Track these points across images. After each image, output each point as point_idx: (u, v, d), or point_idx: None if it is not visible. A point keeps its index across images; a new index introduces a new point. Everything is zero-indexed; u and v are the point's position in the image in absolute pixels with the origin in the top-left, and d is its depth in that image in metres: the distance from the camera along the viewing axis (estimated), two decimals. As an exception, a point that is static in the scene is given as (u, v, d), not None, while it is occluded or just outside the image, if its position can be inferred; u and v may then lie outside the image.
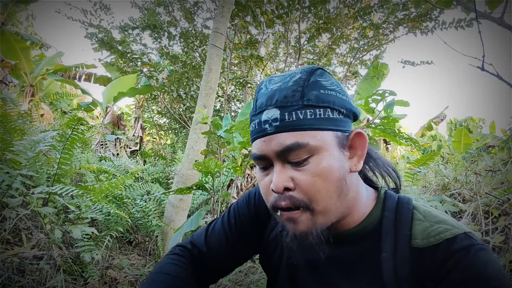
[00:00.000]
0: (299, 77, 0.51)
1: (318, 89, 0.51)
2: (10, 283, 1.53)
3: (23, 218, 1.88)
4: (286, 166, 0.51)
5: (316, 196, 0.50)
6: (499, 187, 2.31)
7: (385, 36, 5.24)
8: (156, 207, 2.70)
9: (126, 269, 2.18)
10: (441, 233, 0.50)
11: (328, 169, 0.50)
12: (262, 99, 0.53)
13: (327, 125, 0.50)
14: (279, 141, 0.49)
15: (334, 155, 0.51)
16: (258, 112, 0.52)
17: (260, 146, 0.52)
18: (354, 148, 0.54)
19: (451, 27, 3.98)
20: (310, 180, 0.49)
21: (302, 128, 0.49)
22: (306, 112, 0.49)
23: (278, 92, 0.51)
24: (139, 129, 5.47)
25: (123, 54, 3.94)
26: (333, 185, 0.50)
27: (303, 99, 0.50)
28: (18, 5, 6.11)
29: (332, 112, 0.51)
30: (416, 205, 0.57)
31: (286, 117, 0.49)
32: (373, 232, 0.56)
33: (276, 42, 6.10)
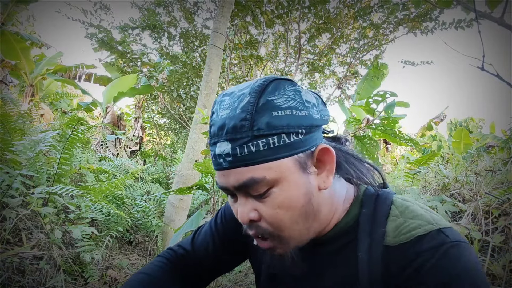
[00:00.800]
0: (247, 101, 0.46)
1: (270, 112, 0.46)
2: (10, 283, 1.53)
3: (23, 218, 1.88)
4: (249, 198, 0.49)
5: (281, 226, 0.49)
6: (499, 187, 2.32)
7: (385, 36, 5.24)
8: (156, 207, 2.71)
9: (126, 269, 2.18)
10: (412, 230, 0.48)
11: (290, 199, 0.48)
12: (214, 127, 0.49)
13: (283, 152, 0.46)
14: (235, 177, 0.47)
15: (296, 182, 0.48)
16: (213, 143, 0.49)
17: (220, 179, 0.50)
18: (322, 162, 0.51)
19: (451, 27, 3.98)
20: (272, 212, 0.48)
21: (255, 162, 0.46)
22: (258, 143, 0.45)
23: (228, 121, 0.46)
24: (139, 129, 5.48)
25: (123, 54, 3.95)
26: (297, 213, 0.49)
27: (253, 129, 0.45)
28: (18, 5, 6.12)
29: (288, 137, 0.46)
30: (396, 200, 0.54)
31: (238, 152, 0.46)
32: (351, 230, 0.54)
33: (276, 42, 6.10)
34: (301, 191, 0.48)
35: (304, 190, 0.49)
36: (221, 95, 0.51)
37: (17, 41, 5.39)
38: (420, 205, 0.54)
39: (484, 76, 14.04)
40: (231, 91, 0.50)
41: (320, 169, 0.51)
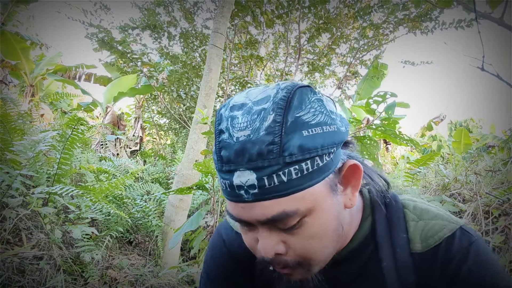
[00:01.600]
0: (272, 119, 0.38)
1: (300, 132, 0.39)
2: (10, 283, 1.53)
3: (23, 218, 1.88)
4: (274, 230, 0.43)
5: (311, 256, 0.45)
6: (499, 187, 2.32)
7: (385, 36, 5.24)
8: (156, 207, 2.71)
9: (126, 269, 2.18)
10: (438, 232, 0.48)
11: (324, 226, 0.43)
12: (227, 152, 0.40)
13: (316, 178, 0.41)
14: (262, 211, 0.40)
15: (328, 207, 0.43)
16: (227, 170, 0.41)
17: (238, 212, 0.43)
18: (347, 180, 0.46)
19: (451, 27, 3.98)
20: (305, 243, 0.43)
21: (288, 193, 0.39)
22: (290, 171, 0.39)
23: (249, 146, 0.38)
24: (139, 129, 5.47)
25: (123, 54, 3.95)
26: (329, 239, 0.45)
27: (284, 155, 0.38)
28: (18, 5, 6.12)
29: (322, 159, 0.40)
30: (405, 202, 0.53)
31: (266, 183, 0.39)
32: (368, 240, 0.52)
33: (276, 42, 6.10)
34: (333, 215, 0.44)
35: (335, 213, 0.44)
36: (229, 108, 0.42)
37: (17, 41, 5.39)
38: (424, 202, 0.54)
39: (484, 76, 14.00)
40: (242, 103, 0.42)
41: (345, 185, 0.46)
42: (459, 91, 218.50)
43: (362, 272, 0.52)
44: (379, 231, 0.51)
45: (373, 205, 0.54)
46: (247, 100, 0.42)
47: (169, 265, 2.48)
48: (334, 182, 0.44)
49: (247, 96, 0.43)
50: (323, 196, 0.42)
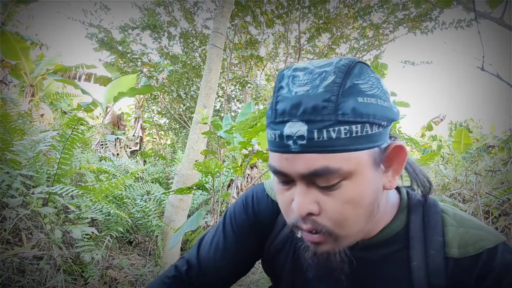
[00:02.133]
0: (332, 80, 0.41)
1: (356, 98, 0.41)
2: (10, 283, 1.53)
3: (23, 218, 1.88)
4: (311, 188, 0.44)
5: (342, 224, 0.44)
6: (499, 187, 2.32)
7: (385, 36, 5.24)
8: (156, 207, 2.70)
9: (126, 269, 2.18)
10: (479, 242, 0.46)
11: (360, 195, 0.43)
12: (284, 104, 0.43)
13: (363, 144, 0.42)
14: (305, 163, 0.42)
15: (368, 177, 0.44)
16: (279, 121, 0.43)
17: (280, 163, 0.44)
18: (390, 161, 0.47)
19: (451, 27, 3.98)
20: (339, 207, 0.43)
21: (334, 150, 0.41)
22: (340, 129, 0.40)
23: (306, 101, 0.41)
24: (139, 129, 5.47)
25: (123, 54, 3.95)
26: (362, 211, 0.45)
27: (337, 113, 0.40)
28: (18, 5, 6.12)
29: (371, 128, 0.42)
30: (444, 207, 0.52)
31: (315, 136, 0.40)
32: (399, 237, 0.51)
33: (276, 42, 6.10)
34: (371, 188, 0.44)
35: (373, 187, 0.45)
36: (291, 69, 0.45)
37: (17, 41, 5.39)
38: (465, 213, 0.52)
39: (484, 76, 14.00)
40: (305, 67, 0.44)
41: (387, 166, 0.47)
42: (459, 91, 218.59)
43: (387, 266, 0.51)
44: (412, 229, 0.50)
45: (410, 204, 0.53)
46: (310, 65, 0.45)
47: (169, 265, 2.48)
48: (378, 158, 0.45)
49: (310, 63, 0.45)
50: (366, 165, 0.43)
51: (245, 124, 1.42)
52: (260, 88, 5.99)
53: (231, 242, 0.65)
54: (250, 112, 3.81)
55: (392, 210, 0.53)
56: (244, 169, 1.83)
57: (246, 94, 5.79)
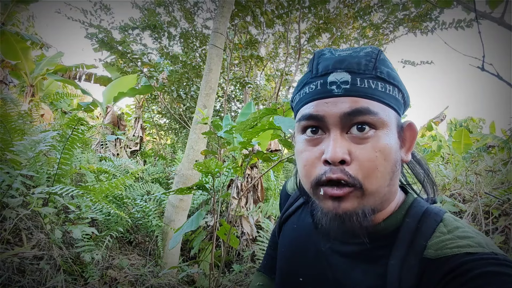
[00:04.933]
0: (370, 50, 0.49)
1: (387, 67, 0.49)
2: (10, 283, 1.53)
3: (23, 218, 1.88)
4: (344, 137, 0.46)
5: (372, 174, 0.45)
6: (499, 187, 2.32)
7: (385, 36, 5.24)
8: (156, 207, 2.71)
9: (126, 269, 2.18)
10: (460, 247, 0.43)
11: (390, 147, 0.46)
12: (326, 62, 0.49)
13: (393, 103, 0.48)
14: (349, 103, 0.45)
15: (395, 135, 0.48)
16: (322, 74, 0.48)
17: (319, 107, 0.47)
18: (404, 139, 0.51)
19: (451, 27, 3.98)
20: (371, 154, 0.45)
21: (373, 97, 0.46)
22: (377, 83, 0.47)
23: (350, 58, 0.48)
24: (139, 129, 5.47)
25: (123, 54, 3.94)
26: (390, 166, 0.46)
27: (376, 70, 0.47)
28: (18, 5, 6.12)
29: (398, 93, 0.49)
30: (447, 218, 0.49)
31: (358, 82, 0.46)
32: (388, 236, 0.51)
33: (276, 42, 6.10)
34: (396, 146, 0.48)
35: (397, 149, 0.48)
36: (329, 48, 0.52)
37: (17, 41, 5.39)
38: (473, 228, 0.49)
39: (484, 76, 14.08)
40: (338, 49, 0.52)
41: (402, 143, 0.51)
42: (459, 91, 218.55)
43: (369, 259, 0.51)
44: (402, 231, 0.50)
45: (409, 208, 0.52)
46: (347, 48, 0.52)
47: (169, 265, 2.48)
48: (399, 128, 0.49)
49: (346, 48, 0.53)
50: (394, 124, 0.48)
51: (246, 125, 1.41)
52: (260, 88, 5.99)
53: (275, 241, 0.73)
54: (250, 112, 3.80)
55: (395, 204, 0.53)
56: (244, 169, 1.83)
57: (246, 94, 5.79)
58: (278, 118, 1.26)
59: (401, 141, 0.50)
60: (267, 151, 4.13)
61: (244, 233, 2.90)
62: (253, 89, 5.76)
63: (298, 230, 0.64)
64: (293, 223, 0.66)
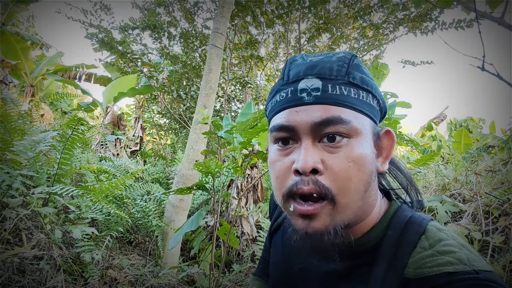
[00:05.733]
0: (343, 55, 0.48)
1: (361, 73, 0.47)
2: (11, 283, 1.53)
3: (23, 218, 1.88)
4: (316, 145, 0.44)
5: (345, 185, 0.43)
6: (499, 187, 2.32)
7: (385, 36, 5.24)
8: (156, 207, 2.70)
9: (126, 269, 2.18)
10: (439, 266, 0.40)
11: (364, 157, 0.44)
12: (298, 68, 0.47)
13: (367, 110, 0.46)
14: (319, 112, 0.44)
15: (370, 144, 0.46)
16: (293, 81, 0.47)
17: (290, 116, 0.45)
18: (381, 147, 0.49)
19: (451, 27, 3.98)
20: (344, 164, 0.43)
21: (345, 104, 0.44)
22: (350, 89, 0.45)
23: (321, 64, 0.46)
24: (139, 129, 5.47)
25: (123, 54, 3.94)
26: (364, 176, 0.44)
27: (349, 76, 0.45)
28: (19, 5, 6.12)
29: (373, 99, 0.47)
30: (430, 229, 0.46)
31: (329, 89, 0.44)
32: (370, 251, 0.48)
33: (276, 42, 6.10)
34: (371, 156, 0.46)
35: (372, 158, 0.46)
36: (301, 54, 0.51)
37: (17, 41, 5.39)
38: (457, 239, 0.45)
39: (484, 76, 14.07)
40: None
41: (379, 152, 0.49)
42: (459, 91, 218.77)
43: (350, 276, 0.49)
44: (384, 245, 0.47)
45: (392, 219, 0.50)
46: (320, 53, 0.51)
47: (169, 265, 2.48)
48: (375, 136, 0.48)
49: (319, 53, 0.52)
50: (368, 130, 0.46)
51: (246, 125, 1.41)
52: (260, 88, 5.99)
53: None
54: (250, 112, 3.80)
55: (376, 215, 0.50)
56: (244, 169, 1.83)
57: (246, 94, 5.79)
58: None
59: (378, 149, 0.48)
60: (267, 151, 4.11)
61: (244, 233, 2.90)
62: (253, 89, 5.76)
63: (286, 243, 0.62)
64: (282, 235, 0.65)
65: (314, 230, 0.44)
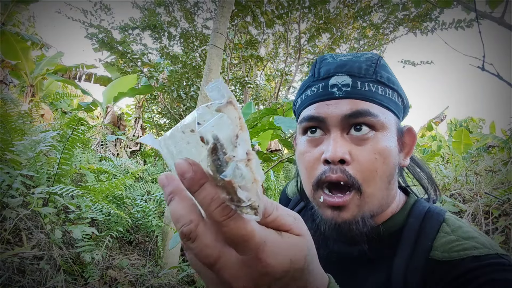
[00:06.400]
0: (370, 56, 0.51)
1: (388, 72, 0.51)
2: (11, 283, 1.53)
3: (24, 218, 1.88)
4: (344, 137, 0.47)
5: (371, 176, 0.46)
6: (499, 187, 2.32)
7: (385, 36, 5.24)
8: (156, 207, 2.70)
9: (126, 269, 2.18)
10: (466, 250, 0.43)
11: (389, 150, 0.47)
12: (328, 67, 0.51)
13: (393, 107, 0.50)
14: (349, 105, 0.47)
15: (394, 139, 0.49)
16: (324, 77, 0.50)
17: (320, 109, 0.48)
18: (404, 143, 0.52)
19: (451, 27, 3.98)
20: (370, 156, 0.46)
21: (373, 100, 0.47)
22: (378, 87, 0.48)
23: (351, 63, 0.50)
24: (139, 129, 5.47)
25: (123, 54, 3.94)
26: (389, 169, 0.47)
27: (377, 75, 0.49)
28: (18, 5, 6.12)
29: (398, 98, 0.51)
30: (449, 218, 0.50)
31: (359, 85, 0.48)
32: (393, 236, 0.51)
33: (276, 42, 6.10)
34: (396, 149, 0.49)
35: (397, 152, 0.49)
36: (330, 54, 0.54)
37: (17, 41, 5.39)
38: (474, 228, 0.49)
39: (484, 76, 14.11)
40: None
41: (401, 147, 0.51)
42: (459, 91, 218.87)
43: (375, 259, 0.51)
44: (406, 230, 0.50)
45: (412, 209, 0.53)
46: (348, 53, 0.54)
47: (169, 265, 2.48)
48: (398, 132, 0.50)
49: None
50: (393, 127, 0.49)
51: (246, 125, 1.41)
52: (260, 88, 5.99)
53: None
54: (250, 112, 3.80)
55: (396, 206, 0.53)
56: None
57: (246, 94, 5.79)
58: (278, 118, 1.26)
59: (401, 145, 0.51)
60: (267, 151, 4.13)
61: (244, 233, 2.90)
62: (253, 89, 5.76)
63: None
64: None
65: (343, 220, 0.46)
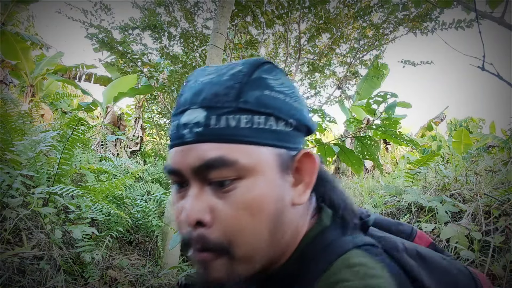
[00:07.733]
0: (239, 69, 0.39)
1: (262, 89, 0.38)
2: (11, 283, 1.53)
3: (24, 218, 1.88)
4: (205, 190, 0.37)
5: (237, 237, 0.36)
6: (499, 188, 2.32)
7: (385, 36, 5.24)
8: (156, 207, 2.70)
9: (126, 269, 2.18)
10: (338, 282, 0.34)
11: (261, 199, 0.36)
12: (186, 94, 0.40)
13: (267, 138, 0.37)
14: (198, 153, 0.36)
15: (272, 180, 0.38)
16: (179, 111, 0.39)
17: (174, 158, 0.39)
18: (300, 172, 0.41)
19: (451, 27, 3.98)
20: (233, 213, 0.36)
21: (232, 139, 0.36)
22: (240, 118, 0.36)
23: (208, 87, 0.38)
24: (139, 129, 5.47)
25: (124, 54, 3.94)
26: (264, 222, 0.37)
27: (238, 100, 0.37)
28: (18, 5, 6.12)
29: (277, 122, 0.38)
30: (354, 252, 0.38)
31: (212, 123, 0.36)
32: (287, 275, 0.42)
33: (276, 42, 6.10)
34: (274, 195, 0.38)
35: (278, 196, 0.38)
36: (202, 68, 0.43)
37: (17, 41, 5.40)
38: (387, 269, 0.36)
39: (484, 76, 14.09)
40: (220, 65, 0.43)
41: (297, 180, 0.41)
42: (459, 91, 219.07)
43: None
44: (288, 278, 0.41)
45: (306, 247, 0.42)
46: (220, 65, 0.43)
47: (169, 265, 2.48)
48: (286, 164, 0.39)
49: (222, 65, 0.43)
50: (270, 166, 0.38)
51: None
52: (260, 88, 5.98)
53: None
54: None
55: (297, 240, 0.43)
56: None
57: (246, 94, 5.80)
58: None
59: (296, 177, 0.41)
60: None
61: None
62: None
63: None
64: None
65: (214, 279, 0.38)
